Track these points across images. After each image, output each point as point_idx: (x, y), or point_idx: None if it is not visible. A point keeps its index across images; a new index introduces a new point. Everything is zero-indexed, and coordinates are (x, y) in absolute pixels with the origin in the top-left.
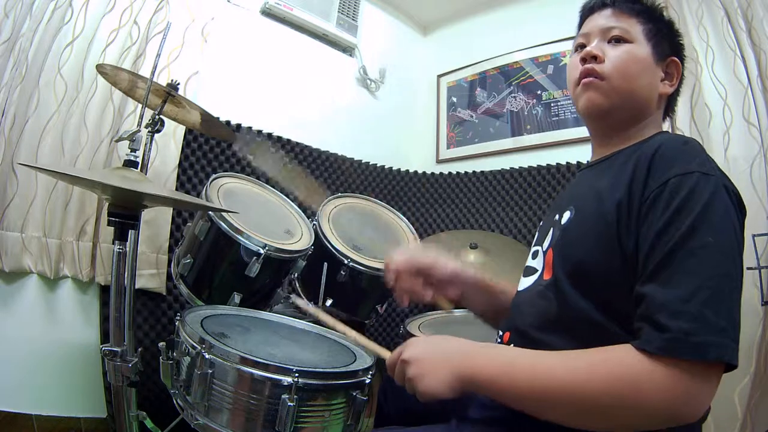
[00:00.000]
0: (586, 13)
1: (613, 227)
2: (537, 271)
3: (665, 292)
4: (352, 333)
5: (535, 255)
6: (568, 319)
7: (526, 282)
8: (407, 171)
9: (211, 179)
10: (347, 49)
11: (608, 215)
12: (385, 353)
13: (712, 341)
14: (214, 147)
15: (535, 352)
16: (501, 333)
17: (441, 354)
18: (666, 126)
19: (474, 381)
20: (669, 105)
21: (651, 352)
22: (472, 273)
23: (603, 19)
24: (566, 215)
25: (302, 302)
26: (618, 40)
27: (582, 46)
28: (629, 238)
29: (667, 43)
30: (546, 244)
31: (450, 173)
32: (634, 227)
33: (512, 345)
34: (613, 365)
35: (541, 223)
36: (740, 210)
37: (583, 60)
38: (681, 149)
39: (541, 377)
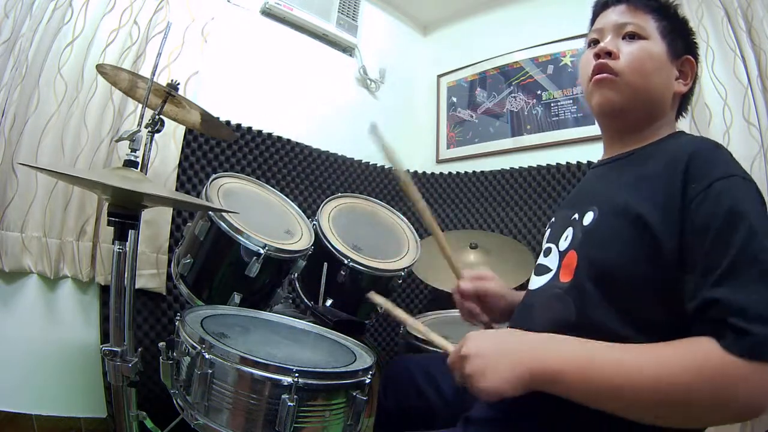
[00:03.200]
0: (599, 9)
1: (646, 234)
2: (551, 270)
3: (739, 297)
4: (419, 325)
5: (547, 252)
6: (588, 325)
7: (538, 281)
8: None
9: (211, 179)
10: (347, 49)
11: (640, 222)
12: (449, 347)
13: None
14: (214, 147)
15: (614, 345)
16: None
17: (504, 348)
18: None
19: (541, 375)
20: (682, 105)
21: (735, 352)
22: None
23: (617, 14)
24: (589, 216)
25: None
26: (632, 36)
27: (595, 41)
28: (669, 242)
29: (682, 41)
30: (564, 244)
31: (450, 173)
32: (676, 231)
33: None
34: (702, 358)
35: (552, 220)
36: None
37: (597, 56)
38: (716, 153)
39: (624, 368)
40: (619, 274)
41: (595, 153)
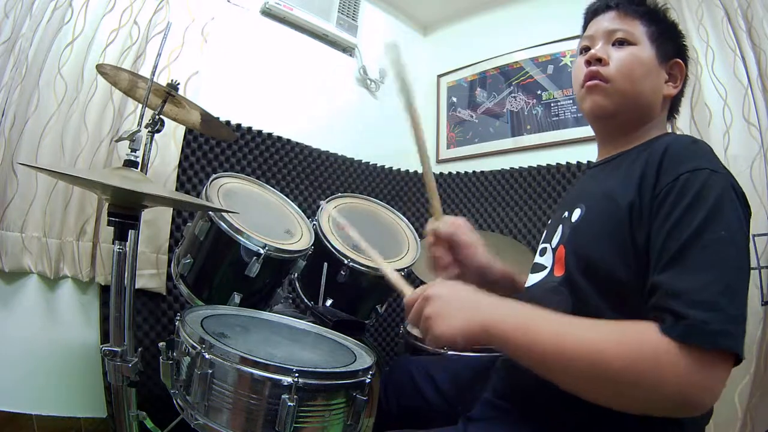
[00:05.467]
0: (590, 16)
1: (625, 226)
2: (546, 267)
3: (682, 282)
4: (383, 264)
5: (543, 252)
6: (583, 315)
7: (534, 278)
8: (407, 171)
9: (211, 179)
10: (347, 49)
11: (620, 215)
12: (408, 289)
13: (726, 331)
14: (214, 147)
15: (558, 314)
16: None
17: (464, 299)
18: (668, 126)
19: (491, 332)
20: (673, 106)
21: (671, 336)
22: (500, 268)
23: (607, 21)
24: (576, 213)
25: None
26: (622, 43)
27: (587, 48)
28: (641, 234)
29: (671, 44)
30: (555, 241)
31: (450, 173)
32: (646, 223)
33: None
34: (635, 339)
35: (548, 222)
36: (745, 209)
37: (588, 62)
38: (690, 147)
39: (562, 338)
40: (602, 266)
41: (594, 153)
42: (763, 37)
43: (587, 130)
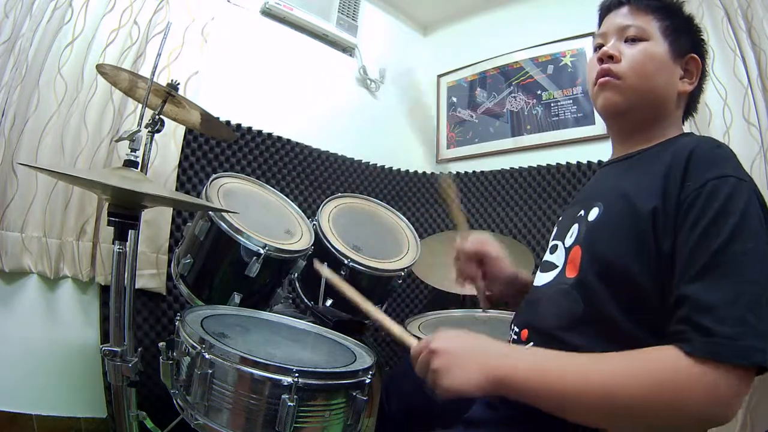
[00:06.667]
0: (603, 12)
1: (648, 232)
2: (557, 267)
3: (709, 295)
4: (379, 315)
5: (554, 249)
6: (595, 320)
7: (544, 278)
8: (407, 171)
9: (211, 179)
10: (347, 49)
11: (641, 219)
12: (412, 341)
13: (754, 346)
14: (214, 147)
15: (570, 354)
16: (517, 330)
17: (472, 350)
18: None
19: (505, 383)
20: (690, 103)
21: (696, 355)
22: (526, 276)
23: (620, 17)
24: (594, 212)
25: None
26: (634, 39)
27: (600, 46)
28: (666, 241)
29: (686, 39)
30: (569, 240)
31: (450, 173)
32: (671, 229)
33: (531, 344)
34: (653, 367)
35: (560, 218)
36: (766, 217)
37: (600, 60)
38: (715, 153)
39: (576, 379)
40: (620, 269)
41: (594, 153)
42: (763, 37)
43: (587, 130)
